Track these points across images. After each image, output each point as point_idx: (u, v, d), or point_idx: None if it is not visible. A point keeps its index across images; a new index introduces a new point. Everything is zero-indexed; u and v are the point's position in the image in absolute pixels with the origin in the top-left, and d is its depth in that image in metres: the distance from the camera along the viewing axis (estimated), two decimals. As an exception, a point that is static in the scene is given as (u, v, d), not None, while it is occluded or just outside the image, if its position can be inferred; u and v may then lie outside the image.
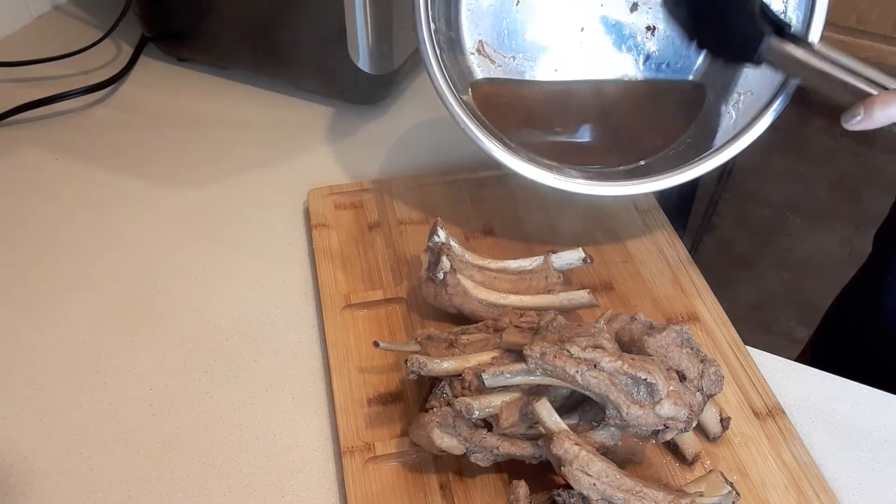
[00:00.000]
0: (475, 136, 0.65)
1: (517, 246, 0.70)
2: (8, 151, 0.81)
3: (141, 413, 0.59)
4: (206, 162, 0.81)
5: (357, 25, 0.76)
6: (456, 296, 0.61)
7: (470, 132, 0.65)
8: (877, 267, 0.83)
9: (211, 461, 0.56)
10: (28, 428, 0.58)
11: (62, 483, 0.55)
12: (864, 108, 0.56)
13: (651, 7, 0.73)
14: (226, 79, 0.91)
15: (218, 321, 0.65)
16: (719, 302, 0.66)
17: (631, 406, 0.48)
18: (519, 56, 0.75)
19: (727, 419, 0.56)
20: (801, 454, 0.56)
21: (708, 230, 1.98)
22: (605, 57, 0.75)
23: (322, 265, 0.68)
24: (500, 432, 0.51)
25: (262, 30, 0.82)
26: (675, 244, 0.71)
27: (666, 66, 0.74)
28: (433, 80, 0.65)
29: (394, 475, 0.54)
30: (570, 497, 0.47)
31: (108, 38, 0.91)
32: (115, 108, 0.87)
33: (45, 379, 0.61)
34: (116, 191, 0.77)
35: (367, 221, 0.73)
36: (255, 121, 0.86)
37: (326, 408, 0.60)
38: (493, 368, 0.51)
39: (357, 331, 0.63)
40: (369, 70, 0.80)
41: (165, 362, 0.62)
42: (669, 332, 0.53)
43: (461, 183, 0.77)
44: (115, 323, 0.65)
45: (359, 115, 0.87)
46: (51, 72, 0.90)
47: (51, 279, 0.69)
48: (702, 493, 0.49)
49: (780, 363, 0.63)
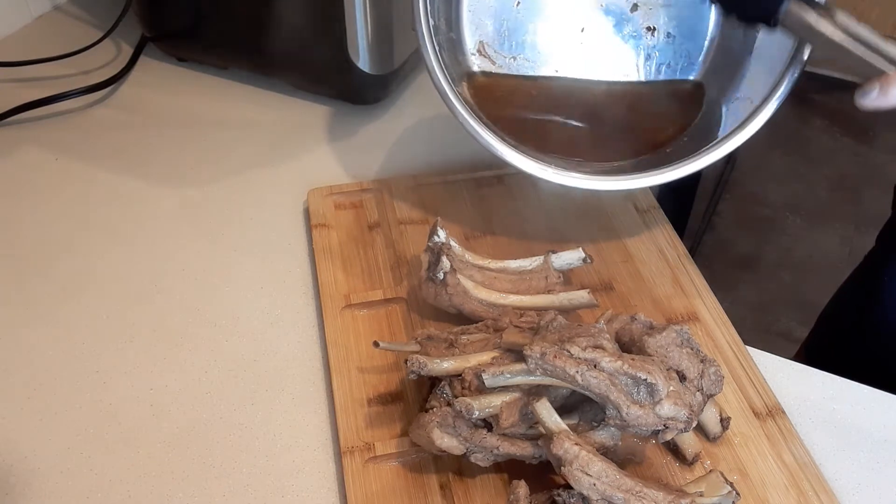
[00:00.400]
0: (476, 133, 0.64)
1: (517, 246, 0.70)
2: (8, 151, 0.81)
3: (141, 413, 0.59)
4: (206, 162, 0.81)
5: (357, 25, 0.76)
6: (456, 296, 0.61)
7: (470, 128, 0.64)
8: (874, 266, 0.83)
9: (211, 461, 0.56)
10: (28, 428, 0.58)
11: (62, 483, 0.55)
12: (881, 85, 0.54)
13: (651, 8, 0.73)
14: (226, 79, 0.91)
15: (218, 321, 0.65)
16: (719, 302, 0.66)
17: (631, 406, 0.48)
18: (519, 57, 0.75)
19: (727, 419, 0.56)
20: (801, 454, 0.56)
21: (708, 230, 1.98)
22: (606, 57, 0.75)
23: (322, 265, 0.68)
24: (500, 432, 0.51)
25: (262, 30, 0.82)
26: (675, 244, 0.71)
27: (666, 66, 0.74)
28: (431, 73, 0.65)
29: (394, 475, 0.54)
30: (570, 497, 0.47)
31: (108, 38, 0.91)
32: (115, 108, 0.87)
33: (45, 379, 0.61)
34: (116, 191, 0.77)
35: (367, 221, 0.73)
36: (255, 121, 0.86)
37: (326, 408, 0.60)
38: (493, 368, 0.51)
39: (357, 331, 0.63)
40: (369, 70, 0.80)
41: (165, 362, 0.62)
42: (669, 332, 0.53)
43: (461, 183, 0.77)
44: (115, 323, 0.65)
45: (359, 115, 0.87)
46: (51, 72, 0.90)
47: (51, 279, 0.69)
48: (702, 493, 0.49)
49: (780, 363, 0.63)
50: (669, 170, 0.65)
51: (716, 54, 0.73)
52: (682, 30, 0.74)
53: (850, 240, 1.93)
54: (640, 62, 0.75)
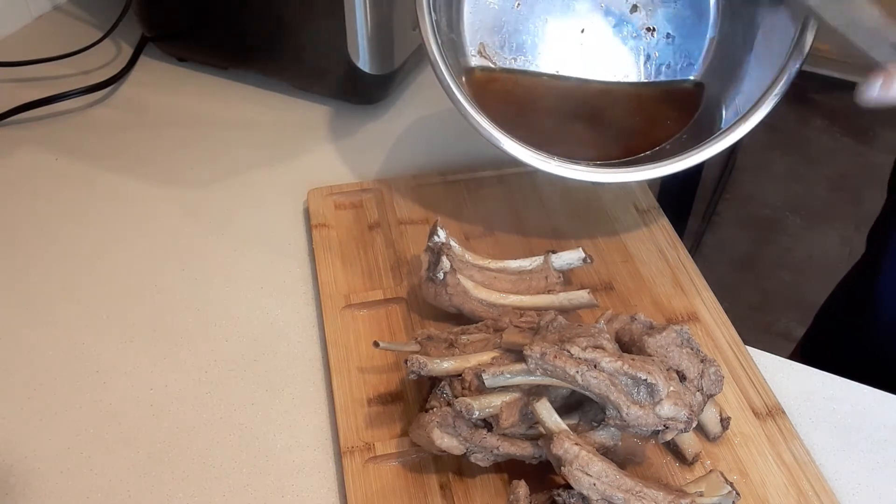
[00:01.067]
0: (478, 125, 0.64)
1: (517, 246, 0.70)
2: (8, 151, 0.81)
3: (141, 413, 0.59)
4: (206, 162, 0.81)
5: (357, 25, 0.76)
6: (456, 296, 0.61)
7: (473, 120, 0.64)
8: (870, 266, 0.83)
9: (211, 461, 0.56)
10: (28, 428, 0.58)
11: (62, 483, 0.55)
12: (884, 79, 0.51)
13: (651, 9, 0.73)
14: (226, 79, 0.91)
15: (218, 321, 0.65)
16: (719, 302, 0.66)
17: (631, 406, 0.48)
18: (520, 58, 0.75)
19: (727, 419, 0.56)
20: (801, 454, 0.56)
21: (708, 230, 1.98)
22: (606, 58, 0.75)
23: (322, 265, 0.68)
24: (500, 432, 0.51)
25: (261, 30, 0.82)
26: (675, 244, 0.71)
27: (666, 67, 0.74)
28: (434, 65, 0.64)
29: (394, 475, 0.54)
30: (570, 497, 0.47)
31: (108, 38, 0.91)
32: (115, 108, 0.87)
33: (45, 379, 0.61)
34: (116, 191, 0.77)
35: (367, 221, 0.73)
36: (255, 121, 0.86)
37: (326, 408, 0.60)
38: (493, 368, 0.51)
39: (357, 331, 0.63)
40: (369, 70, 0.80)
41: (165, 362, 0.62)
42: (669, 332, 0.53)
43: (461, 183, 0.77)
44: (115, 323, 0.65)
45: (359, 115, 0.87)
46: (51, 72, 0.90)
47: (51, 279, 0.69)
48: (702, 493, 0.49)
49: (780, 363, 0.63)
50: (671, 162, 0.65)
51: (716, 54, 0.73)
52: (681, 30, 0.74)
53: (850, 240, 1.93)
54: (640, 63, 0.75)
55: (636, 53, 0.74)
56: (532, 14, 0.74)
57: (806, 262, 1.92)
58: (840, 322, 0.89)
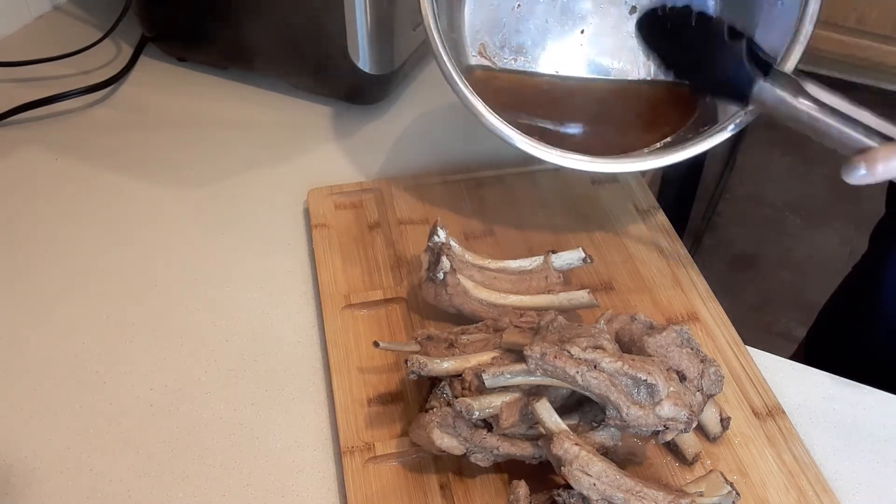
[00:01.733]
0: (482, 115, 0.64)
1: (517, 246, 0.70)
2: (8, 151, 0.81)
3: (141, 413, 0.59)
4: (206, 162, 0.81)
5: (357, 25, 0.76)
6: (456, 296, 0.61)
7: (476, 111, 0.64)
8: (872, 265, 0.83)
9: (211, 461, 0.56)
10: (28, 428, 0.58)
11: (62, 483, 0.55)
12: (866, 163, 0.54)
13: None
14: (226, 79, 0.91)
15: (218, 321, 0.65)
16: (719, 302, 0.66)
17: (631, 406, 0.48)
18: (520, 58, 0.75)
19: (727, 419, 0.56)
20: (801, 454, 0.56)
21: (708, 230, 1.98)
22: (605, 59, 0.75)
23: (322, 265, 0.68)
24: (500, 432, 0.51)
25: (262, 30, 0.82)
26: (675, 244, 0.71)
27: (666, 66, 0.74)
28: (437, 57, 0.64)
29: (394, 475, 0.54)
30: (570, 497, 0.47)
31: (108, 38, 0.91)
32: (115, 108, 0.87)
33: (45, 379, 0.61)
34: (116, 191, 0.77)
35: (367, 221, 0.73)
36: (255, 121, 0.86)
37: (326, 408, 0.60)
38: (493, 368, 0.51)
39: (357, 331, 0.63)
40: (369, 70, 0.80)
41: (165, 362, 0.62)
42: (669, 332, 0.53)
43: (461, 183, 0.77)
44: (115, 323, 0.65)
45: (359, 115, 0.87)
46: (51, 72, 0.90)
47: (51, 279, 0.69)
48: (702, 493, 0.49)
49: (780, 363, 0.63)
50: (674, 152, 0.65)
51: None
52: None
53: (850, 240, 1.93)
54: (639, 62, 0.75)
55: (636, 53, 0.74)
56: (532, 15, 0.74)
57: (806, 261, 1.92)
58: (842, 322, 0.89)
